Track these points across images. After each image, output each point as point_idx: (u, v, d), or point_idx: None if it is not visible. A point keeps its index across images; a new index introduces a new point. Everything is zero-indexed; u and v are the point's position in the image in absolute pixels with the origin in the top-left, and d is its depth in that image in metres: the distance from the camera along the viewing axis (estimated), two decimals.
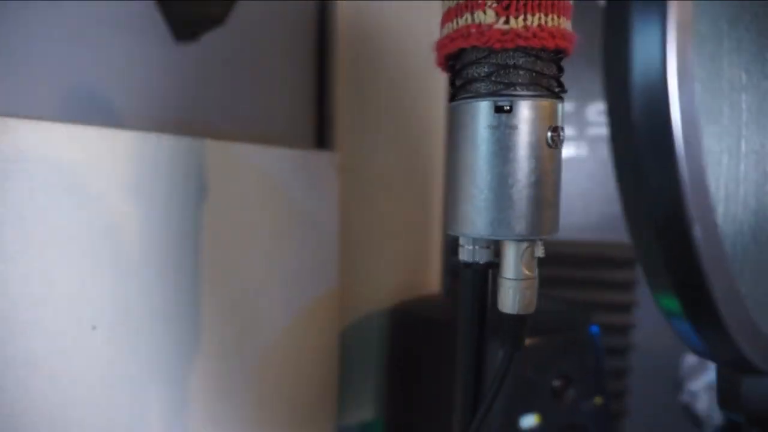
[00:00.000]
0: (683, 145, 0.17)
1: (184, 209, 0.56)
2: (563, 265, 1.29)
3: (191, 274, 0.57)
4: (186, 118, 0.73)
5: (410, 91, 1.16)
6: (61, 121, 0.45)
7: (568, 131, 1.37)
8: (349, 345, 1.11)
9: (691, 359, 1.24)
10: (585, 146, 1.33)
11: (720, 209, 0.20)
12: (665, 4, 0.17)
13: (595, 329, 0.99)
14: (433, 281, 1.25)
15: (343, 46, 1.06)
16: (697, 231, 0.18)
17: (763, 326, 0.22)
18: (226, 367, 0.64)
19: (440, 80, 1.18)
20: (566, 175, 0.40)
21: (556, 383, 0.92)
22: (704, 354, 0.22)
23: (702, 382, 1.19)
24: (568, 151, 1.39)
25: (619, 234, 1.30)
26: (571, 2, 0.39)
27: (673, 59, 0.17)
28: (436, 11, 1.20)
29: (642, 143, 0.17)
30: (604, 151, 1.31)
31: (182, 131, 0.72)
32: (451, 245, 1.33)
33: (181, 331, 0.56)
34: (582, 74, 1.03)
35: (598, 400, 0.98)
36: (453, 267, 0.45)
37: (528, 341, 0.98)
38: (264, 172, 0.74)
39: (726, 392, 0.23)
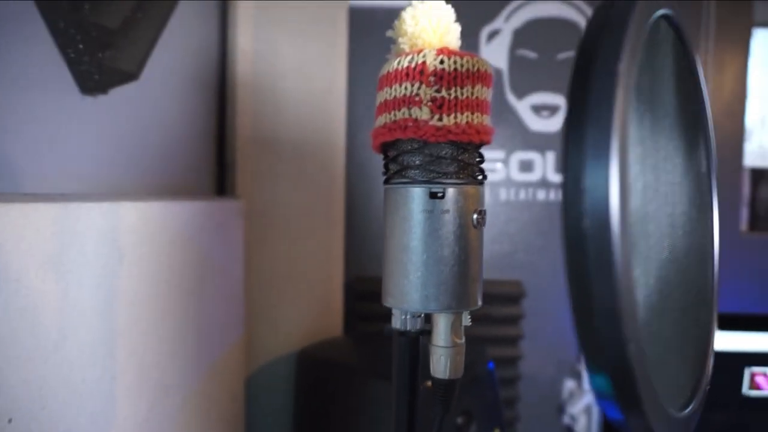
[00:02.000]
0: (623, 285, 0.22)
1: (101, 278, 0.54)
2: None
3: (107, 348, 0.55)
4: (91, 172, 0.70)
5: (310, 138, 1.19)
6: None
7: None
8: (257, 391, 1.09)
9: (570, 385, 1.37)
10: None
11: (643, 321, 0.25)
12: (610, 175, 0.22)
13: (491, 365, 1.06)
14: (336, 325, 1.27)
15: (242, 96, 1.07)
16: (631, 348, 0.23)
17: (668, 406, 0.28)
18: None
19: (340, 128, 1.22)
20: None
21: (460, 420, 0.98)
22: (623, 427, 0.27)
23: (580, 405, 1.32)
24: None
25: (505, 272, 1.42)
26: (489, 101, 0.44)
27: (616, 218, 0.22)
28: (333, 63, 1.25)
29: (592, 280, 0.22)
30: (490, 194, 1.43)
31: (88, 187, 0.68)
32: (352, 291, 1.36)
33: (97, 410, 0.53)
34: None
35: (496, 431, 1.06)
36: (387, 334, 0.48)
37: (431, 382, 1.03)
38: (175, 228, 0.72)
39: None
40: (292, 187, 1.16)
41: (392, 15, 0.45)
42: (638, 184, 0.25)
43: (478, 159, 0.45)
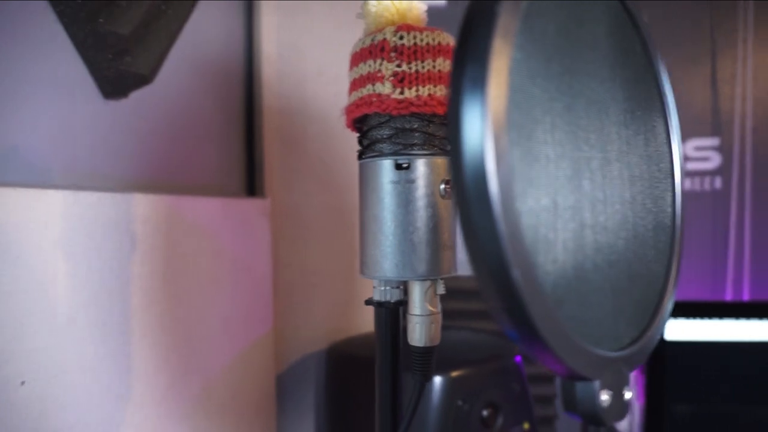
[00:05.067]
0: (501, 209, 0.23)
1: (114, 262, 0.59)
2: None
3: (121, 326, 0.59)
4: (119, 173, 0.75)
5: (336, 138, 1.23)
6: None
7: None
8: (287, 388, 1.12)
9: None
10: None
11: (540, 254, 0.26)
12: (485, 106, 0.23)
13: (518, 359, 1.05)
14: (366, 321, 1.29)
15: (269, 98, 1.12)
16: (516, 273, 0.23)
17: (587, 343, 0.28)
18: (158, 416, 0.65)
19: None
20: None
21: (486, 412, 0.97)
22: (544, 366, 0.28)
23: None
24: None
25: None
26: None
27: (490, 145, 0.23)
28: None
29: (472, 208, 0.23)
30: None
31: (116, 186, 0.74)
32: None
33: (112, 383, 0.57)
34: None
35: (525, 425, 1.04)
36: (368, 305, 0.50)
37: (457, 373, 1.03)
38: (194, 221, 0.77)
39: (566, 397, 0.29)
40: (319, 186, 1.19)
41: None
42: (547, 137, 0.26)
43: (445, 131, 0.46)
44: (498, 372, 1.01)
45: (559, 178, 0.27)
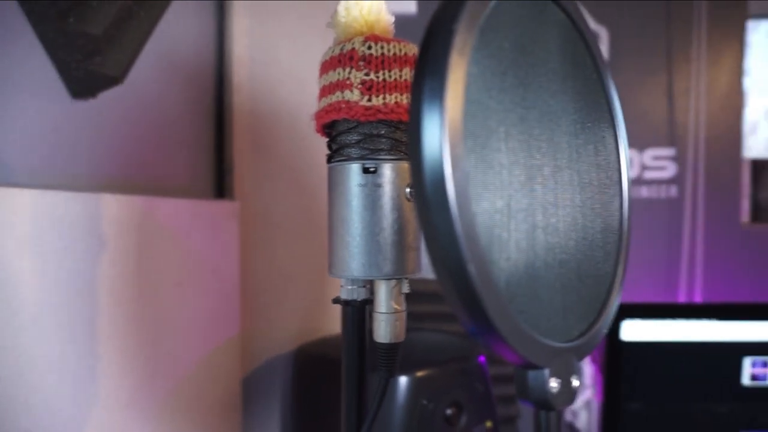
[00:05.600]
0: (458, 211, 0.25)
1: (81, 262, 0.59)
2: None
3: (88, 327, 0.59)
4: (87, 173, 0.75)
5: (306, 141, 1.24)
6: None
7: None
8: (255, 388, 1.12)
9: None
10: None
11: (494, 252, 0.28)
12: (443, 116, 0.25)
13: (482, 359, 1.08)
14: (335, 322, 1.30)
15: (239, 100, 1.12)
16: (471, 269, 0.26)
17: (538, 334, 0.30)
18: (124, 418, 0.65)
19: None
20: None
21: (450, 411, 1.00)
22: (499, 357, 0.30)
23: (580, 401, 1.32)
24: None
25: None
26: None
27: (447, 152, 0.25)
28: None
29: (431, 210, 0.25)
30: None
31: (84, 186, 0.73)
32: None
33: (76, 384, 0.57)
34: None
35: (488, 424, 1.07)
36: (335, 303, 0.52)
37: (422, 373, 1.05)
38: (161, 223, 0.77)
39: (519, 385, 0.31)
40: (289, 189, 1.20)
41: None
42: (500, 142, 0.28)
43: None
44: (462, 372, 1.04)
45: (513, 182, 0.29)
